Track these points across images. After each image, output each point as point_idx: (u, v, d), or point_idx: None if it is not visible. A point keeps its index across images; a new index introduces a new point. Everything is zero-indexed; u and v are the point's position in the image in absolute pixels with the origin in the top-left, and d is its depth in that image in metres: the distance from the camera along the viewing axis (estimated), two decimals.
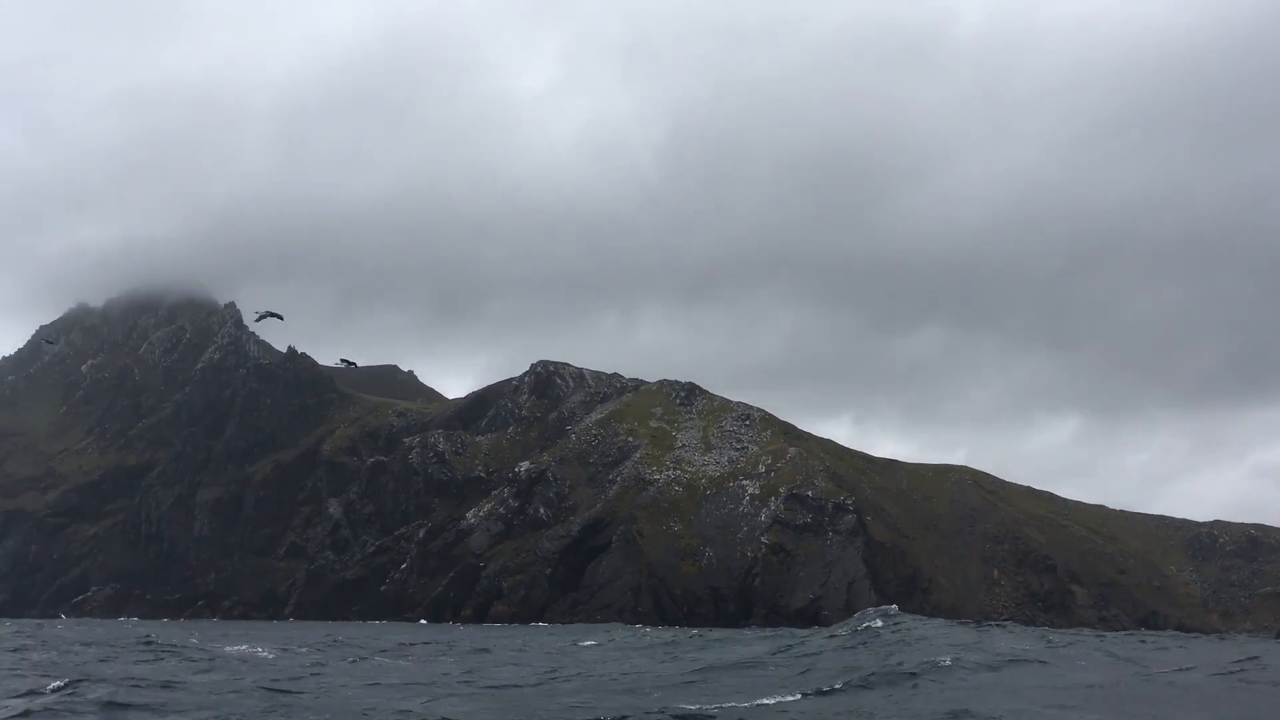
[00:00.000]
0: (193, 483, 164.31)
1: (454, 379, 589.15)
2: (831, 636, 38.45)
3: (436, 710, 22.61)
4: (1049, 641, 39.10)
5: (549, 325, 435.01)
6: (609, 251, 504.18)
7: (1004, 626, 56.87)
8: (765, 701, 22.88)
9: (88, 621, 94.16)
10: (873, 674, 25.80)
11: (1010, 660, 28.68)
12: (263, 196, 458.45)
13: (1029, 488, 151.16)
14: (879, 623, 38.20)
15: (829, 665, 29.32)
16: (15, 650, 39.28)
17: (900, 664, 27.21)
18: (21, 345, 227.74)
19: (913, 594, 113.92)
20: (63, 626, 77.45)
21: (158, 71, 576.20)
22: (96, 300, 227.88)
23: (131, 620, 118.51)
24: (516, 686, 28.15)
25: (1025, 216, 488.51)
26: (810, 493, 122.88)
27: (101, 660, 34.66)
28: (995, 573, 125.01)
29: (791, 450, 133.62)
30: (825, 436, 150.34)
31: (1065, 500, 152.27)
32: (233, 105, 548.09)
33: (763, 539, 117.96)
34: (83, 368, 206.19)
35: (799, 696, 23.51)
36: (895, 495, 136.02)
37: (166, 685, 26.02)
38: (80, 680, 25.59)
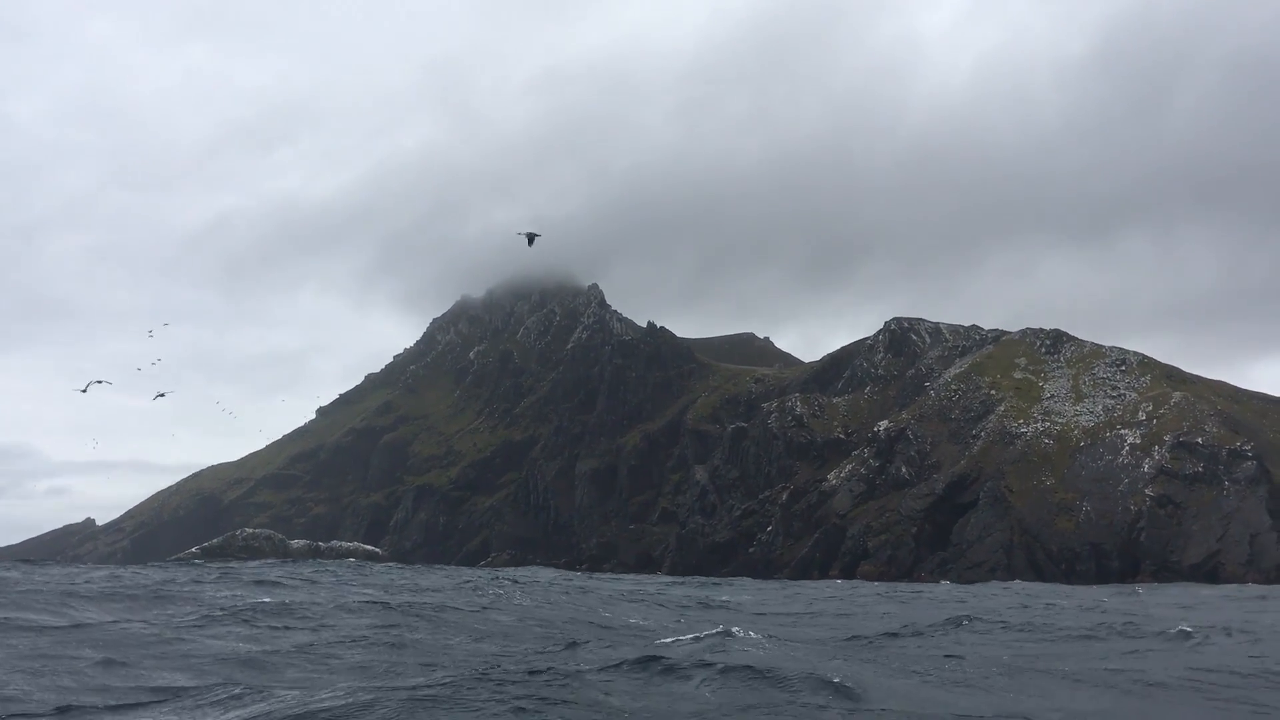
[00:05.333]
0: (571, 455, 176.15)
1: (814, 344, 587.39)
2: None
3: None
4: None
5: (918, 283, 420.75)
6: (997, 196, 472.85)
7: None
8: None
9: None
10: None
11: None
12: (662, 170, 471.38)
13: None
14: None
15: None
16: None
17: None
18: (419, 337, 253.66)
19: None
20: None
21: (574, 51, 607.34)
22: (478, 291, 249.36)
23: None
24: None
25: None
26: (1200, 439, 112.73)
27: None
28: None
29: (1176, 395, 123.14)
30: (1216, 379, 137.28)
31: None
32: (640, 78, 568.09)
33: (1147, 491, 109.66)
34: (470, 354, 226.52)
35: None
36: None
37: None
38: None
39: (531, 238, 43.26)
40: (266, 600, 29.90)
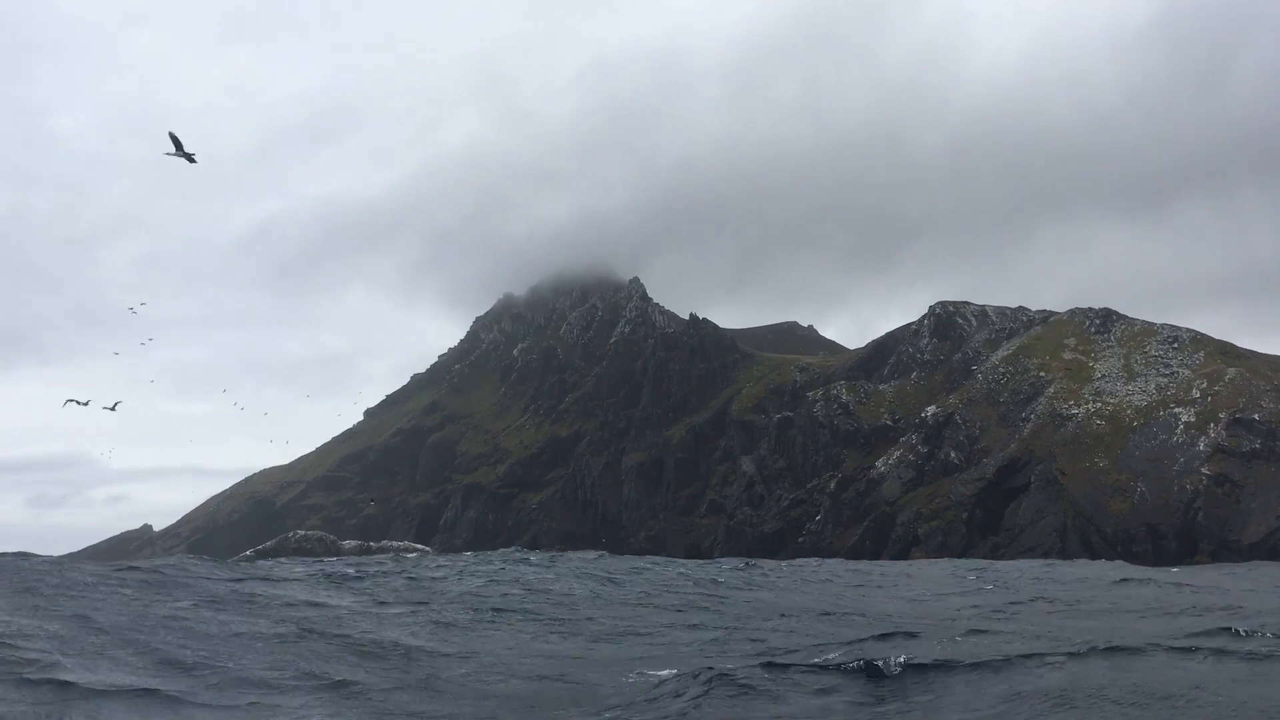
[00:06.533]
0: (617, 450, 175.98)
1: (864, 328, 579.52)
2: None
3: None
4: None
5: (968, 265, 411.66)
6: (1050, 174, 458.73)
7: None
8: None
9: None
10: None
11: None
12: (710, 158, 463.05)
13: None
14: None
15: None
16: None
17: None
18: (463, 336, 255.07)
19: None
20: None
21: (620, 41, 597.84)
22: (520, 289, 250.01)
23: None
24: None
25: None
26: (1257, 415, 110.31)
27: None
28: None
29: (1230, 371, 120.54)
30: (1274, 353, 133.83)
31: None
32: (687, 66, 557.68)
33: (1203, 470, 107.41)
34: (514, 351, 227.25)
35: None
36: None
37: None
38: None
39: (183, 150, 40.20)
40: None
